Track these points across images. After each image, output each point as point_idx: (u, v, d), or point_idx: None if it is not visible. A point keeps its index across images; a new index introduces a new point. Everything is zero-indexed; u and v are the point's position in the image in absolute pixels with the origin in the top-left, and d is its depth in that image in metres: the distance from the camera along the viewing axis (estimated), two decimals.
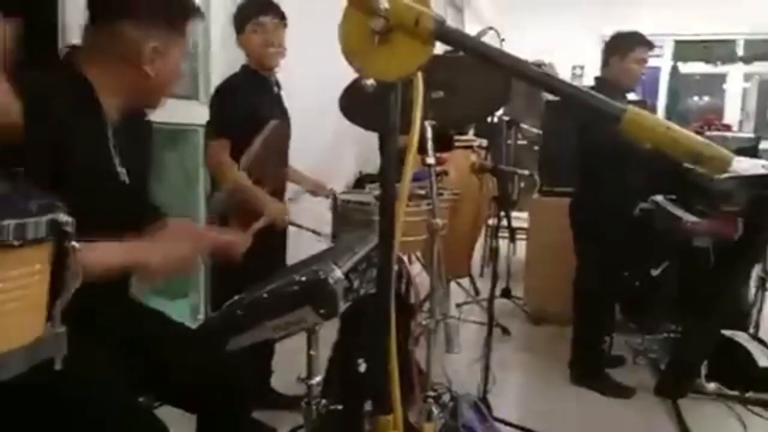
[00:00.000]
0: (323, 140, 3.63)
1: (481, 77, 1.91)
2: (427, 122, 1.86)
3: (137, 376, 1.32)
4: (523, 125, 4.55)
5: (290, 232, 2.44)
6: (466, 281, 3.93)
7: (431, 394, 1.85)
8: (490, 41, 1.73)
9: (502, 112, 4.21)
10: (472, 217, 3.47)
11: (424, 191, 1.93)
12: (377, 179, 1.35)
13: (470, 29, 5.77)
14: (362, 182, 3.87)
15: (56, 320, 0.80)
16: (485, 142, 4.04)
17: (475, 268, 4.18)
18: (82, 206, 0.80)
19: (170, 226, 1.44)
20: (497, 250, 2.73)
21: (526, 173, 3.44)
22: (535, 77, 0.78)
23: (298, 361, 1.30)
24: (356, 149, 4.20)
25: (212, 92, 2.37)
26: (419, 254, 2.57)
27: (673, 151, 0.72)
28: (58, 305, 0.80)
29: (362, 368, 1.89)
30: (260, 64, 2.25)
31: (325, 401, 1.30)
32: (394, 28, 0.75)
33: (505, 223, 3.62)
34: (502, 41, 2.34)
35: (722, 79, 8.54)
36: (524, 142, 4.84)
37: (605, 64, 2.85)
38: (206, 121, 2.31)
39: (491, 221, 4.01)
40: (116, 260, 1.16)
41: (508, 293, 4.08)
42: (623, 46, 2.80)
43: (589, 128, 2.66)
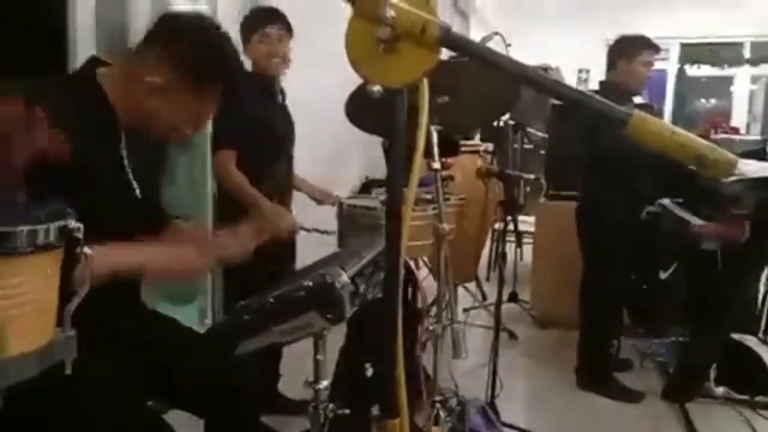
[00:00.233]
0: (330, 145, 3.64)
1: (486, 82, 1.92)
2: (432, 127, 1.87)
3: (146, 380, 1.32)
4: (529, 129, 4.54)
5: (298, 237, 2.45)
6: (472, 286, 3.92)
7: (438, 398, 1.85)
8: (495, 47, 1.74)
9: (508, 116, 4.21)
10: (478, 221, 3.46)
11: (430, 196, 1.93)
12: (384, 184, 1.36)
13: (476, 35, 5.77)
14: (369, 187, 3.87)
15: (66, 324, 0.81)
16: (491, 146, 4.03)
17: (481, 272, 4.17)
18: (91, 212, 0.81)
19: (177, 230, 1.45)
20: (504, 254, 2.72)
21: (532, 177, 3.43)
22: (541, 83, 0.79)
23: (305, 365, 1.30)
24: (362, 154, 4.20)
25: None
26: (426, 259, 2.57)
27: (678, 155, 0.72)
28: (68, 310, 0.81)
29: (369, 373, 1.89)
30: (265, 72, 2.27)
31: (332, 405, 1.30)
32: (400, 36, 0.75)
33: (511, 227, 3.60)
34: (508, 46, 2.34)
35: (729, 81, 8.51)
36: (530, 146, 4.83)
37: (612, 67, 2.84)
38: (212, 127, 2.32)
39: (498, 226, 4.00)
40: (123, 262, 1.16)
41: (514, 297, 4.06)
42: (630, 49, 2.79)
43: (595, 132, 2.65)
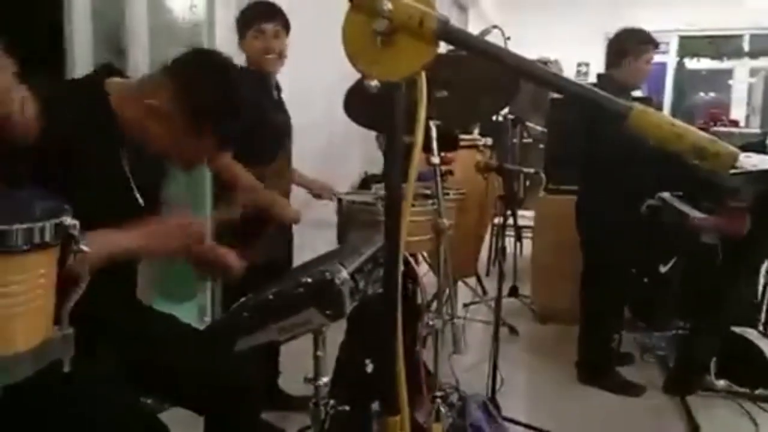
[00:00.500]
0: (328, 141, 3.63)
1: (485, 76, 1.90)
2: (431, 122, 1.86)
3: (145, 378, 1.32)
4: (528, 123, 4.54)
5: (295, 234, 2.45)
6: (472, 281, 3.92)
7: (439, 394, 1.85)
8: (494, 40, 1.73)
9: (507, 110, 4.20)
10: (478, 216, 3.45)
11: (429, 191, 1.93)
12: (383, 179, 1.35)
13: (475, 28, 5.76)
14: (368, 182, 3.86)
15: (64, 322, 0.80)
16: (490, 140, 4.03)
17: (481, 267, 4.17)
18: (88, 212, 0.80)
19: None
20: (504, 248, 2.72)
21: (531, 171, 3.42)
22: (540, 76, 0.78)
23: (305, 362, 1.30)
24: (361, 149, 4.19)
25: None
26: (425, 254, 2.56)
27: (679, 147, 0.71)
28: (65, 308, 0.80)
29: (369, 369, 1.89)
30: (260, 68, 2.26)
31: (332, 402, 1.30)
32: (397, 29, 0.74)
33: (511, 221, 3.60)
34: (507, 39, 2.33)
35: (728, 74, 8.50)
36: (530, 140, 4.83)
37: (616, 64, 2.81)
38: None
39: (497, 220, 4.00)
40: (115, 248, 1.15)
41: (515, 292, 4.06)
42: (635, 47, 2.77)
43: (595, 126, 2.65)
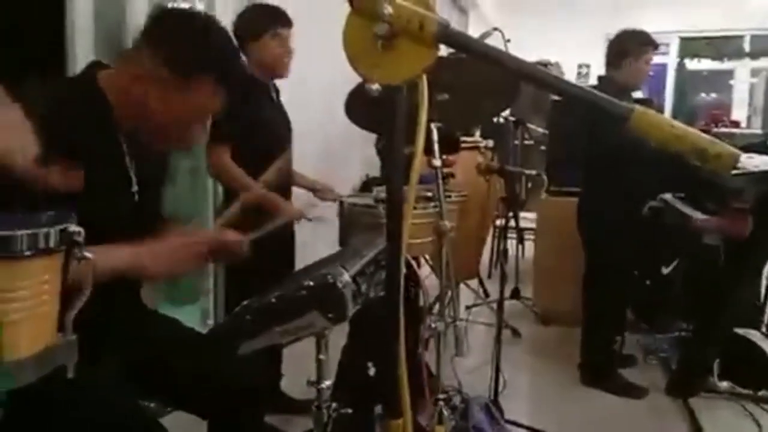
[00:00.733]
0: (329, 144, 3.63)
1: (486, 78, 1.91)
2: (432, 125, 1.86)
3: (148, 381, 1.32)
4: (529, 125, 4.53)
5: (297, 237, 2.45)
6: (474, 283, 3.91)
7: (442, 396, 1.84)
8: (495, 42, 1.73)
9: (508, 112, 4.20)
10: (479, 218, 3.45)
11: (431, 193, 1.93)
12: (383, 182, 1.35)
13: (475, 31, 5.76)
14: (369, 185, 3.87)
15: (68, 329, 0.80)
16: (492, 143, 4.03)
17: (483, 269, 4.16)
18: (89, 216, 0.81)
19: (172, 230, 1.44)
20: (505, 251, 2.72)
21: (533, 173, 3.42)
22: (541, 78, 0.78)
23: (307, 365, 1.29)
24: (363, 152, 4.20)
25: None
26: (428, 257, 2.56)
27: (679, 149, 0.71)
28: (69, 314, 0.80)
29: (372, 372, 1.89)
30: (273, 71, 2.29)
31: (335, 405, 1.30)
32: (398, 32, 0.74)
33: (513, 223, 3.60)
34: (507, 42, 2.33)
35: (729, 75, 8.49)
36: (531, 142, 4.82)
37: (616, 65, 2.82)
38: None
39: (499, 222, 4.00)
40: (118, 264, 1.16)
41: (517, 294, 4.06)
42: (636, 48, 2.77)
43: (596, 128, 2.65)
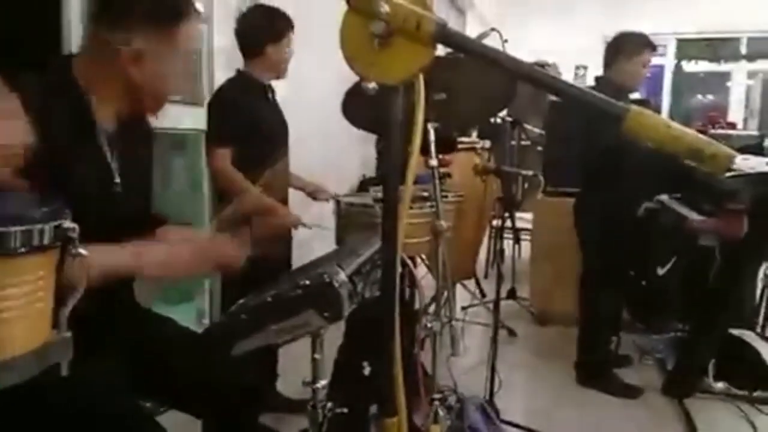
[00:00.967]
0: (326, 144, 3.63)
1: (483, 78, 1.91)
2: (429, 124, 1.86)
3: (143, 380, 1.32)
4: (526, 126, 4.54)
5: (294, 236, 2.44)
6: (471, 283, 3.92)
7: (437, 396, 1.84)
8: (492, 42, 1.73)
9: (505, 112, 4.20)
10: (476, 218, 3.46)
11: (427, 193, 1.93)
12: (380, 182, 1.34)
13: (473, 31, 5.77)
14: (366, 185, 3.87)
15: (62, 326, 0.80)
16: (488, 143, 4.03)
17: (479, 269, 4.17)
18: (76, 213, 0.80)
19: (171, 233, 1.43)
20: (502, 251, 2.72)
21: (530, 174, 3.43)
22: (538, 79, 0.78)
23: (303, 365, 1.29)
24: (360, 152, 4.20)
25: (210, 97, 2.39)
26: (424, 257, 2.56)
27: (675, 150, 0.72)
28: (63, 311, 0.80)
29: (367, 371, 1.89)
30: (278, 73, 2.34)
31: (330, 405, 1.30)
32: (395, 31, 0.74)
33: (509, 224, 3.60)
34: (504, 42, 2.33)
35: (726, 77, 8.51)
36: (528, 142, 4.83)
37: (610, 65, 2.83)
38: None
39: (495, 222, 4.01)
40: (117, 264, 1.16)
41: (513, 294, 4.07)
42: (629, 48, 2.78)
43: (592, 129, 2.65)
